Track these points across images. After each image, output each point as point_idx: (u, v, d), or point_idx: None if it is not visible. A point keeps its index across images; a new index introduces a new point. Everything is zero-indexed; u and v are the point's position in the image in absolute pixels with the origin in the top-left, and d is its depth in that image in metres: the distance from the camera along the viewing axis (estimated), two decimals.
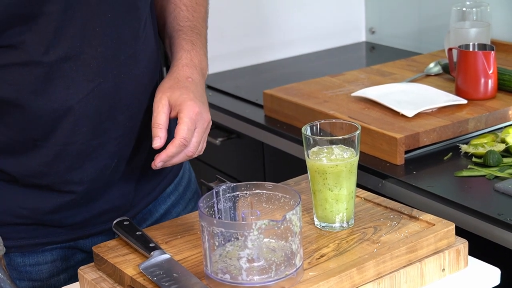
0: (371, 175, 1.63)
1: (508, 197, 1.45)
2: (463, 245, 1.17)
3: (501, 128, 1.74)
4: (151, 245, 1.15)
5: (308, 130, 1.21)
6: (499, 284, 1.17)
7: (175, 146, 1.20)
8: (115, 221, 1.22)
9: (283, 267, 1.04)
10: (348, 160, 1.17)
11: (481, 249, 1.29)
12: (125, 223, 1.21)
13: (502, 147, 1.60)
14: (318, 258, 1.12)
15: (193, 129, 1.22)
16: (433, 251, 1.15)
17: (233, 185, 1.12)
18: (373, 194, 1.31)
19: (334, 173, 1.17)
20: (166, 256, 1.13)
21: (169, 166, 1.28)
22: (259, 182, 1.12)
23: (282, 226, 1.02)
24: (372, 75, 2.11)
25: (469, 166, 1.58)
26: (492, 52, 1.81)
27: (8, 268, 1.30)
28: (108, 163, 1.27)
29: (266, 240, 1.05)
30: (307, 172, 1.21)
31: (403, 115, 1.74)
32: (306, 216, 1.24)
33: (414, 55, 2.34)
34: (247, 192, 1.13)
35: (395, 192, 1.57)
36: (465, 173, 1.56)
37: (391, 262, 1.11)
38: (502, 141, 1.62)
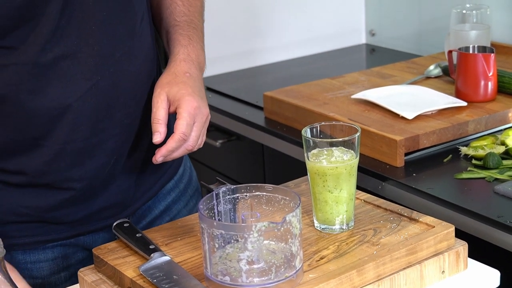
0: (371, 177, 1.64)
1: (508, 199, 1.45)
2: (463, 247, 1.17)
3: (501, 130, 1.74)
4: (151, 247, 1.15)
5: (308, 132, 1.21)
6: (499, 286, 1.17)
7: (175, 141, 1.22)
8: (115, 223, 1.22)
9: (283, 269, 1.04)
10: (348, 162, 1.18)
11: (481, 251, 1.29)
12: (125, 225, 1.21)
13: (502, 149, 1.60)
14: (318, 260, 1.12)
15: (192, 124, 1.24)
16: (433, 253, 1.15)
17: (233, 187, 1.12)
18: (373, 196, 1.31)
19: (334, 175, 1.17)
20: (166, 258, 1.13)
21: (169, 162, 1.30)
22: (259, 184, 1.12)
23: (282, 228, 1.02)
24: (372, 77, 2.11)
25: (469, 168, 1.58)
26: (492, 55, 1.81)
27: (11, 263, 1.29)
28: (108, 160, 1.28)
29: (266, 242, 1.05)
30: (307, 174, 1.21)
31: (403, 117, 1.74)
32: (306, 218, 1.24)
33: (414, 57, 2.34)
34: (247, 194, 1.13)
35: (395, 194, 1.57)
36: (465, 175, 1.56)
37: (391, 264, 1.11)
38: (502, 143, 1.62)
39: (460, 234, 1.25)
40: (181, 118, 1.22)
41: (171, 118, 1.26)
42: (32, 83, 1.17)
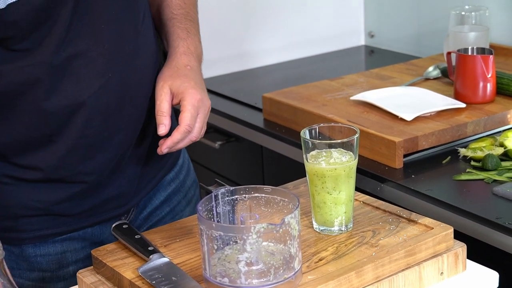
0: (370, 179, 1.64)
1: (507, 201, 1.45)
2: (462, 249, 1.17)
3: (500, 132, 1.74)
4: (150, 249, 1.15)
5: (307, 134, 1.21)
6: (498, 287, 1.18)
7: (181, 133, 1.27)
8: (114, 225, 1.23)
9: (282, 271, 1.04)
10: (347, 164, 1.18)
11: (480, 253, 1.29)
12: (124, 227, 1.21)
13: (501, 151, 1.60)
14: (317, 262, 1.12)
15: (196, 116, 1.29)
16: (432, 255, 1.15)
17: (232, 189, 1.13)
18: (372, 198, 1.31)
19: (333, 177, 1.17)
20: (165, 260, 1.13)
21: (170, 153, 1.35)
22: (258, 186, 1.12)
23: (281, 230, 1.02)
24: (371, 79, 2.11)
25: (468, 170, 1.58)
26: (491, 56, 1.81)
27: (20, 259, 1.34)
28: (117, 153, 1.32)
29: (265, 244, 1.05)
30: (306, 176, 1.21)
31: (402, 119, 1.74)
32: (305, 220, 1.25)
33: (413, 59, 2.34)
34: (246, 196, 1.13)
35: (394, 196, 1.57)
36: (464, 177, 1.56)
37: (390, 266, 1.11)
38: (501, 145, 1.62)
39: (459, 236, 1.25)
40: (186, 111, 1.27)
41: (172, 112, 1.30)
42: (48, 82, 1.21)
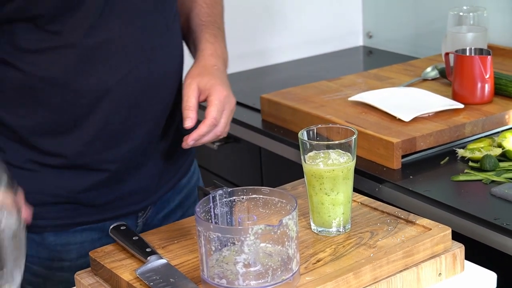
0: (368, 180, 1.64)
1: (505, 202, 1.45)
2: (460, 250, 1.17)
3: (498, 133, 1.74)
4: (148, 250, 1.15)
5: (305, 135, 1.21)
6: None
7: (207, 126, 1.31)
8: (112, 226, 1.23)
9: (280, 272, 1.04)
10: (345, 165, 1.18)
11: (478, 254, 1.29)
12: (122, 228, 1.21)
13: (499, 152, 1.60)
14: (315, 263, 1.12)
15: (222, 111, 1.34)
16: (430, 256, 1.15)
17: (230, 190, 1.12)
18: (370, 199, 1.31)
19: (331, 178, 1.17)
20: (163, 261, 1.13)
21: (185, 156, 1.46)
22: (256, 187, 1.12)
23: (279, 231, 1.02)
24: (369, 80, 2.11)
25: (466, 171, 1.58)
26: (489, 57, 1.81)
27: (40, 247, 1.37)
28: (140, 143, 1.35)
29: (263, 245, 1.05)
30: (304, 177, 1.21)
31: (400, 120, 1.74)
32: (303, 221, 1.24)
33: (411, 60, 2.34)
34: (244, 197, 1.13)
35: (392, 197, 1.57)
36: (462, 178, 1.56)
37: (388, 267, 1.11)
38: (499, 146, 1.62)
39: (457, 237, 1.25)
40: (213, 105, 1.32)
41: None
42: (77, 66, 1.25)
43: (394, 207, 1.27)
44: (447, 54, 1.94)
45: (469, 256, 1.20)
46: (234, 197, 1.13)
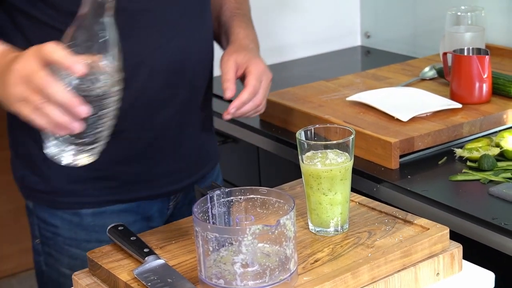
0: (366, 180, 1.63)
1: (503, 201, 1.45)
2: (458, 249, 1.17)
3: (496, 132, 1.74)
4: (146, 250, 1.15)
5: (303, 135, 1.21)
6: None
7: (247, 93, 1.39)
8: (110, 226, 1.22)
9: (278, 272, 1.04)
10: (343, 165, 1.18)
11: (476, 253, 1.29)
12: (120, 228, 1.21)
13: (497, 151, 1.60)
14: (313, 263, 1.12)
15: (261, 81, 1.41)
16: (428, 256, 1.15)
17: (228, 190, 1.12)
18: (368, 199, 1.31)
19: (329, 178, 1.17)
20: (161, 261, 1.13)
21: (213, 148, 1.53)
22: (253, 187, 1.12)
23: (276, 231, 1.02)
24: (367, 80, 2.11)
25: (464, 170, 1.58)
26: (487, 57, 1.81)
27: (78, 228, 1.43)
28: (176, 115, 1.41)
29: (260, 245, 1.05)
30: (302, 177, 1.21)
31: (398, 120, 1.74)
32: (301, 221, 1.24)
33: (409, 59, 2.34)
34: (241, 197, 1.13)
35: (390, 197, 1.57)
36: (460, 177, 1.56)
37: (386, 267, 1.11)
38: (497, 145, 1.62)
39: (455, 236, 1.25)
40: (251, 74, 1.40)
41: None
42: (121, 30, 1.27)
43: (392, 207, 1.27)
44: (445, 54, 1.94)
45: (467, 256, 1.20)
46: (232, 197, 1.13)
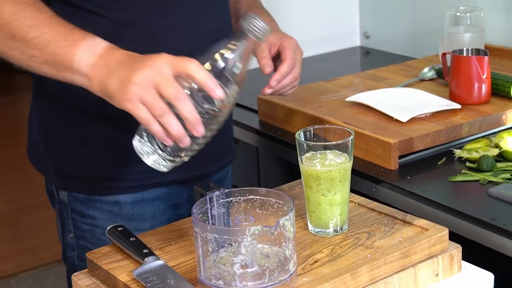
0: (365, 180, 1.64)
1: (502, 202, 1.45)
2: (457, 250, 1.17)
3: (495, 133, 1.74)
4: (145, 251, 1.15)
5: (302, 136, 1.21)
6: None
7: (287, 65, 1.46)
8: (109, 227, 1.22)
9: (277, 273, 1.04)
10: (342, 166, 1.18)
11: (475, 254, 1.29)
12: (119, 229, 1.21)
13: (496, 152, 1.60)
14: (312, 264, 1.12)
15: (296, 55, 1.48)
16: (427, 256, 1.15)
17: (227, 191, 1.12)
18: (367, 199, 1.31)
19: (328, 179, 1.17)
20: (160, 262, 1.13)
21: (232, 143, 1.55)
22: (253, 188, 1.12)
23: (276, 232, 1.02)
24: (367, 80, 2.11)
25: (463, 171, 1.58)
26: (486, 57, 1.81)
27: (119, 218, 1.44)
28: None
29: (260, 246, 1.05)
30: (301, 178, 1.21)
31: (397, 120, 1.74)
32: (300, 222, 1.24)
33: (409, 60, 2.34)
34: (241, 198, 1.13)
35: (389, 197, 1.57)
36: (459, 178, 1.56)
37: (385, 268, 1.11)
38: (496, 146, 1.63)
39: (454, 237, 1.25)
40: (288, 49, 1.48)
41: None
42: (156, 9, 1.33)
43: (391, 208, 1.27)
44: (444, 55, 1.94)
45: (466, 257, 1.20)
46: (231, 198, 1.13)
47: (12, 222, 3.94)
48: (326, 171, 1.17)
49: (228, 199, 1.12)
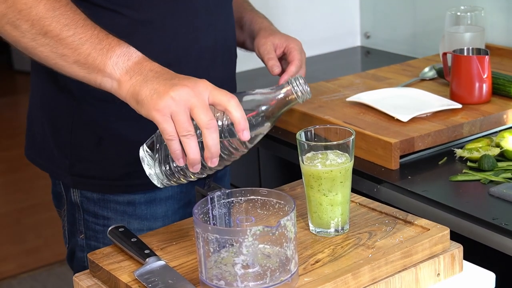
0: (366, 180, 1.63)
1: (503, 202, 1.45)
2: (458, 250, 1.17)
3: (496, 133, 1.74)
4: (146, 252, 1.15)
5: (303, 136, 1.21)
6: None
7: (295, 66, 1.50)
8: (110, 228, 1.22)
9: (278, 273, 1.04)
10: (343, 166, 1.18)
11: (476, 254, 1.29)
12: (120, 230, 1.21)
13: (497, 152, 1.60)
14: (313, 264, 1.12)
15: (302, 56, 1.53)
16: (428, 256, 1.15)
17: (228, 191, 1.13)
18: (368, 199, 1.31)
19: (329, 179, 1.17)
20: (161, 263, 1.13)
21: None
22: (254, 188, 1.12)
23: (277, 232, 1.02)
24: (367, 80, 2.11)
25: (464, 171, 1.58)
26: (487, 57, 1.81)
27: (132, 218, 1.46)
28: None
29: (261, 246, 1.05)
30: (302, 178, 1.21)
31: (398, 120, 1.74)
32: (301, 222, 1.24)
33: (409, 60, 2.34)
34: (242, 198, 1.13)
35: (390, 197, 1.57)
36: (460, 178, 1.56)
37: (386, 267, 1.11)
38: (497, 146, 1.62)
39: (455, 237, 1.25)
40: (295, 50, 1.52)
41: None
42: (171, 8, 1.35)
43: (393, 208, 1.27)
44: (445, 54, 1.94)
45: (468, 256, 1.20)
46: (232, 199, 1.13)
47: (13, 223, 3.94)
48: (327, 171, 1.17)
49: (229, 200, 1.12)
